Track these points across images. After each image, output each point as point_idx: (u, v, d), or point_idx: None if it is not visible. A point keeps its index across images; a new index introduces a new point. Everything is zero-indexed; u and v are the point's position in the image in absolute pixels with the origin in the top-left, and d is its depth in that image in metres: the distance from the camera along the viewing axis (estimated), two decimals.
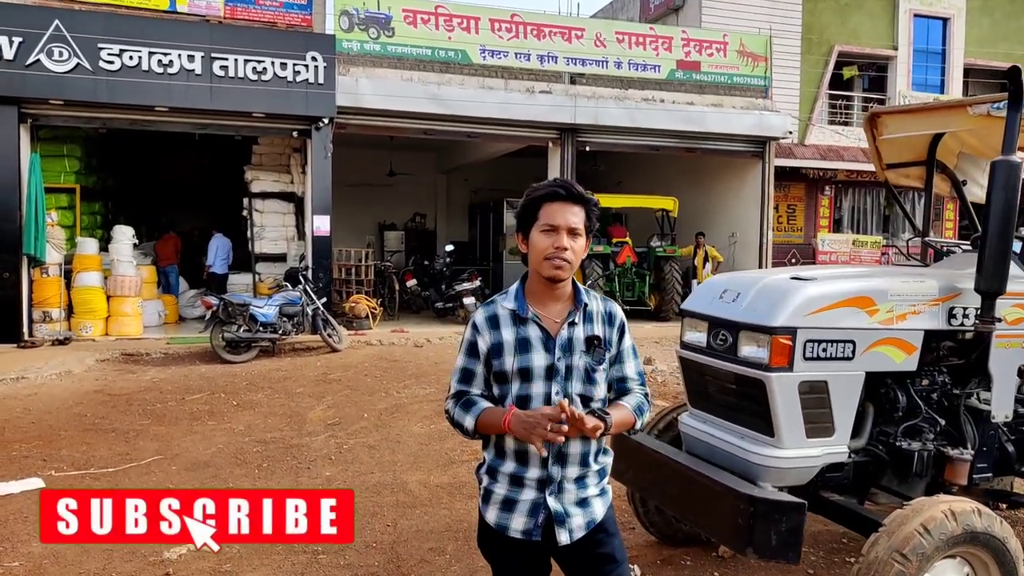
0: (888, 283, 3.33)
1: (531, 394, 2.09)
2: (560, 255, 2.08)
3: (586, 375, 2.12)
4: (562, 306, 2.15)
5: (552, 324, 2.12)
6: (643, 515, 4.03)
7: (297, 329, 10.40)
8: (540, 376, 2.09)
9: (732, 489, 2.94)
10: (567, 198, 2.11)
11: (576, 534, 2.11)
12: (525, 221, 2.15)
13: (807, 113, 17.05)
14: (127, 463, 5.65)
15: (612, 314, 2.21)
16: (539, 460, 2.08)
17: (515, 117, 12.80)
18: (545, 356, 2.10)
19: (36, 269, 11.01)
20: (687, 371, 3.58)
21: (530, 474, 2.10)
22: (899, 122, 4.51)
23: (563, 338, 2.11)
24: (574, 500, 2.12)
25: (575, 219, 2.10)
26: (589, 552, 2.13)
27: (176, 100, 10.97)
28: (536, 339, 2.10)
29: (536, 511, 2.09)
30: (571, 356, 2.11)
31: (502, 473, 2.13)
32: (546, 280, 2.12)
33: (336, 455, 5.88)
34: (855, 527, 3.20)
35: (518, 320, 2.12)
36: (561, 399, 2.02)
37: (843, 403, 3.24)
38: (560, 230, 2.08)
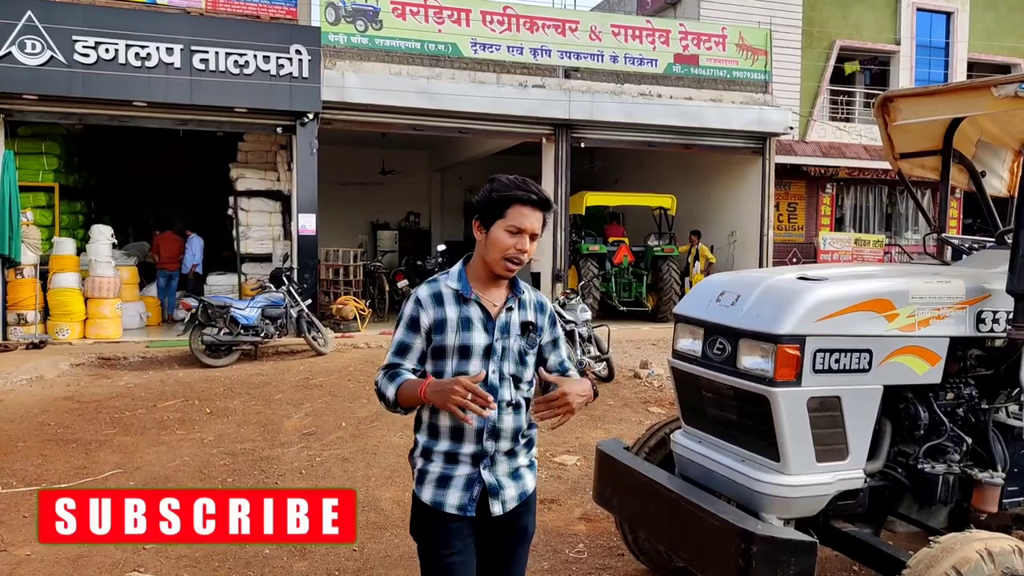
0: (909, 284, 2.93)
1: (468, 371, 2.15)
2: (519, 256, 2.18)
3: (519, 357, 2.23)
4: (501, 292, 2.25)
5: (492, 307, 2.22)
6: (632, 542, 3.63)
7: (280, 332, 10.01)
8: (478, 354, 2.17)
9: (731, 524, 2.54)
10: (538, 204, 2.19)
11: (508, 505, 2.21)
12: (490, 214, 2.19)
13: (808, 109, 16.65)
14: (82, 478, 5.27)
15: (543, 304, 2.34)
16: (474, 436, 2.15)
17: (508, 112, 12.39)
18: (485, 336, 2.19)
19: (10, 270, 10.61)
20: (680, 384, 3.18)
21: (464, 450, 2.17)
22: (914, 106, 4.09)
23: (502, 321, 2.22)
24: (507, 472, 2.22)
25: (539, 224, 2.20)
26: (509, 526, 2.24)
27: (155, 95, 10.56)
28: (477, 319, 2.19)
29: (471, 485, 2.16)
30: (508, 338, 2.22)
31: (436, 452, 2.19)
32: (494, 273, 2.21)
33: (307, 469, 5.49)
34: (874, 565, 2.81)
35: (461, 300, 2.20)
36: (490, 375, 2.14)
37: (858, 421, 2.84)
38: (525, 234, 2.18)
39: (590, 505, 4.72)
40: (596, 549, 4.08)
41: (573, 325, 7.71)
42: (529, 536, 2.32)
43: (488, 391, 2.07)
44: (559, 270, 13.08)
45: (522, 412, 2.23)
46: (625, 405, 7.48)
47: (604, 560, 3.95)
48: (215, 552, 4.05)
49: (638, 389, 8.20)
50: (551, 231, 13.18)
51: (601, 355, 8.22)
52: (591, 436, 6.35)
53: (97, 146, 14.70)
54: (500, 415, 2.16)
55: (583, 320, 7.99)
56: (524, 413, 2.23)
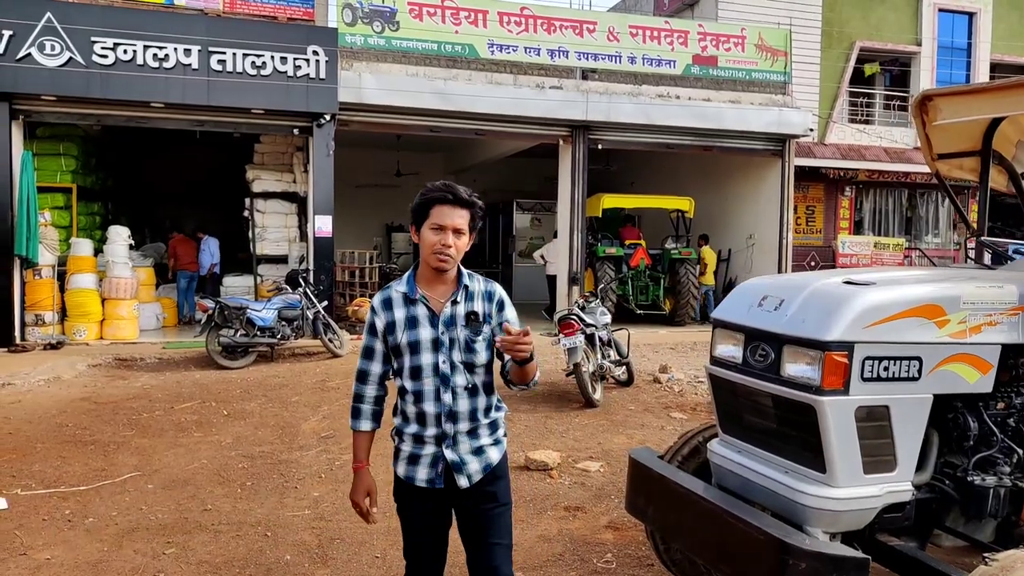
0: (960, 289, 2.81)
1: (421, 364, 2.39)
2: (445, 251, 2.36)
3: (466, 345, 2.41)
4: (446, 288, 2.44)
5: (437, 304, 2.42)
6: (663, 553, 3.51)
7: (297, 333, 9.97)
8: (428, 348, 2.39)
9: (778, 539, 2.43)
10: (454, 202, 2.39)
11: (475, 478, 2.42)
12: (418, 218, 2.43)
13: (827, 111, 16.46)
14: (101, 480, 5.21)
15: (491, 292, 2.50)
16: (434, 419, 2.39)
17: (525, 114, 12.31)
18: (431, 331, 2.40)
19: (28, 271, 10.64)
20: (718, 391, 3.07)
21: (428, 432, 2.40)
22: (954, 105, 3.96)
23: (446, 315, 2.41)
24: (469, 450, 2.43)
25: (460, 220, 2.39)
26: (480, 493, 2.43)
27: (173, 96, 10.57)
28: (423, 316, 2.41)
29: (436, 462, 2.41)
30: (454, 330, 2.41)
31: (407, 433, 2.45)
32: (433, 269, 2.41)
33: (327, 472, 5.41)
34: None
35: (408, 301, 2.43)
36: (444, 367, 2.38)
37: (907, 431, 2.72)
38: (446, 229, 2.37)
39: (616, 513, 4.62)
40: (625, 559, 3.98)
41: (593, 329, 7.59)
42: (501, 501, 2.47)
43: (440, 380, 2.39)
44: (575, 273, 12.97)
45: (479, 395, 2.44)
46: (646, 410, 7.37)
47: (633, 570, 3.84)
48: (236, 558, 3.98)
49: (658, 394, 8.08)
50: (567, 234, 13.09)
51: (621, 359, 8.11)
52: (613, 442, 6.24)
53: (114, 147, 14.75)
54: (455, 399, 2.40)
55: (603, 324, 7.87)
56: (482, 396, 2.45)
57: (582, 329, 7.32)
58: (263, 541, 4.20)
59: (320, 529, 4.37)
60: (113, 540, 4.20)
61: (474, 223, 2.44)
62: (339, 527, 4.39)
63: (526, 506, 4.74)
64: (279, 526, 4.41)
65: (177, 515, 4.57)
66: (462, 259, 2.48)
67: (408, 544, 2.54)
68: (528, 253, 16.07)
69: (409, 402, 2.42)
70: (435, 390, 2.38)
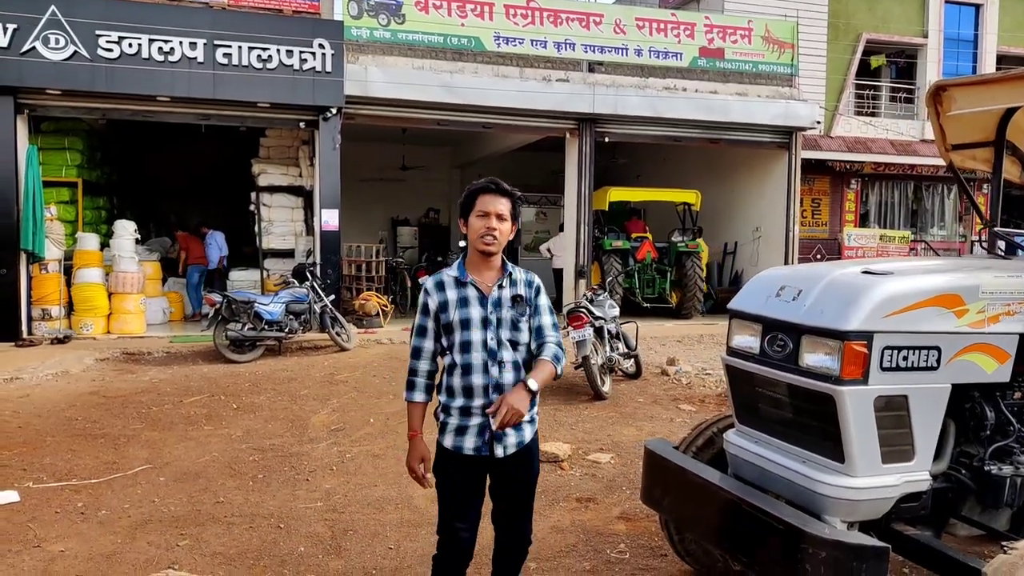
0: (978, 278, 2.80)
1: (471, 340, 2.68)
2: (491, 233, 2.68)
3: (512, 324, 2.73)
4: (494, 274, 2.76)
5: (486, 287, 2.73)
6: (677, 543, 3.52)
7: (304, 327, 9.98)
8: (478, 326, 2.69)
9: (798, 528, 2.43)
10: (497, 191, 2.73)
11: (509, 450, 2.71)
12: (465, 209, 2.74)
13: (833, 103, 16.40)
14: (112, 473, 5.22)
15: (531, 281, 2.83)
16: (482, 390, 2.67)
17: (531, 107, 12.28)
18: (480, 310, 2.70)
19: (35, 265, 10.65)
20: (735, 382, 3.06)
21: (475, 403, 2.68)
22: (969, 95, 3.94)
23: (494, 297, 2.72)
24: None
25: (503, 207, 2.71)
26: (514, 469, 2.75)
27: (178, 90, 10.56)
28: (473, 297, 2.71)
29: (483, 431, 2.68)
30: (501, 310, 2.72)
31: (453, 407, 2.71)
32: (480, 254, 2.72)
33: (338, 465, 5.42)
34: (943, 571, 2.67)
35: (459, 284, 2.73)
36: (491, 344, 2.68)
37: (925, 421, 2.72)
38: (491, 215, 2.69)
39: (628, 504, 4.62)
40: (638, 549, 3.98)
41: (602, 321, 7.59)
42: (533, 478, 2.84)
43: (488, 354, 2.67)
44: (582, 266, 12.96)
45: (521, 371, 2.72)
46: (655, 402, 7.37)
47: (647, 561, 3.84)
48: (249, 550, 3.99)
49: (667, 386, 8.08)
50: (574, 227, 13.07)
51: (629, 352, 8.10)
52: (623, 434, 6.24)
53: (119, 141, 14.74)
54: (501, 372, 2.68)
55: (611, 316, 7.87)
56: (524, 372, 2.72)
57: (591, 322, 7.31)
58: (276, 533, 4.21)
59: (333, 521, 4.38)
60: (126, 532, 4.21)
61: (515, 211, 2.75)
62: (352, 519, 4.40)
63: (538, 498, 4.68)
64: (292, 518, 4.42)
65: (189, 507, 4.59)
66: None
67: (447, 515, 2.76)
68: (534, 247, 16.04)
69: (457, 376, 2.69)
70: (483, 363, 2.67)
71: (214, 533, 4.20)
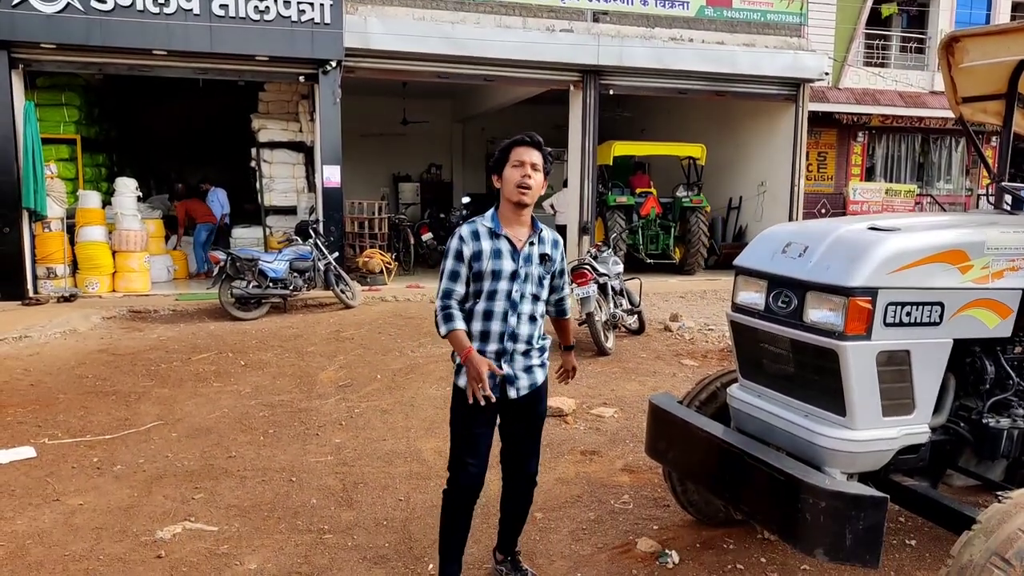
0: (984, 234, 2.81)
1: (498, 289, 2.84)
2: (526, 182, 2.82)
3: (538, 280, 2.92)
4: (525, 230, 2.92)
5: (518, 241, 2.88)
6: (680, 494, 3.61)
7: (309, 285, 10.02)
8: (506, 277, 2.84)
9: (799, 479, 2.49)
10: (531, 144, 2.87)
11: (522, 391, 2.91)
12: (500, 163, 2.89)
13: (842, 54, 16.10)
14: (126, 429, 5.32)
15: (557, 241, 3.04)
16: (497, 337, 2.85)
17: (534, 58, 12.07)
18: (511, 263, 2.86)
19: (37, 224, 10.64)
20: (739, 337, 3.10)
21: (490, 348, 2.86)
22: (981, 47, 3.87)
23: (526, 252, 2.89)
24: (521, 367, 2.91)
25: (537, 158, 2.85)
26: (526, 409, 2.96)
27: (175, 43, 10.39)
28: (506, 251, 2.86)
29: (494, 375, 2.80)
30: (530, 266, 2.89)
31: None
32: (514, 205, 2.85)
33: (347, 420, 5.51)
34: (938, 520, 2.75)
35: (493, 235, 2.87)
36: (517, 303, 2.87)
37: (926, 376, 2.76)
38: (526, 164, 2.83)
39: (632, 456, 4.71)
40: (641, 500, 4.08)
41: (606, 278, 7.61)
42: (541, 415, 3.06)
43: (510, 304, 2.84)
44: (586, 222, 12.92)
45: (537, 324, 2.93)
46: (658, 358, 7.44)
47: (650, 511, 3.94)
48: (263, 502, 4.09)
49: (669, 342, 8.15)
50: (578, 182, 12.99)
51: (633, 308, 8.15)
52: (626, 388, 6.33)
53: (117, 97, 14.59)
54: (519, 322, 2.86)
55: (615, 273, 7.89)
56: (539, 325, 2.94)
57: (595, 279, 7.34)
58: (289, 486, 4.31)
59: (343, 474, 4.48)
60: (142, 486, 4.32)
61: (546, 165, 2.89)
62: (362, 472, 4.50)
63: (543, 451, 4.78)
64: (303, 471, 4.51)
65: (203, 462, 4.69)
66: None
67: (458, 452, 2.94)
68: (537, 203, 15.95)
69: (478, 321, 2.85)
70: (504, 312, 2.84)
71: (228, 486, 4.30)
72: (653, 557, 3.43)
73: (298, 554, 3.53)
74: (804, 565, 3.37)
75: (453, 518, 2.96)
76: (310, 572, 3.37)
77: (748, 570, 3.34)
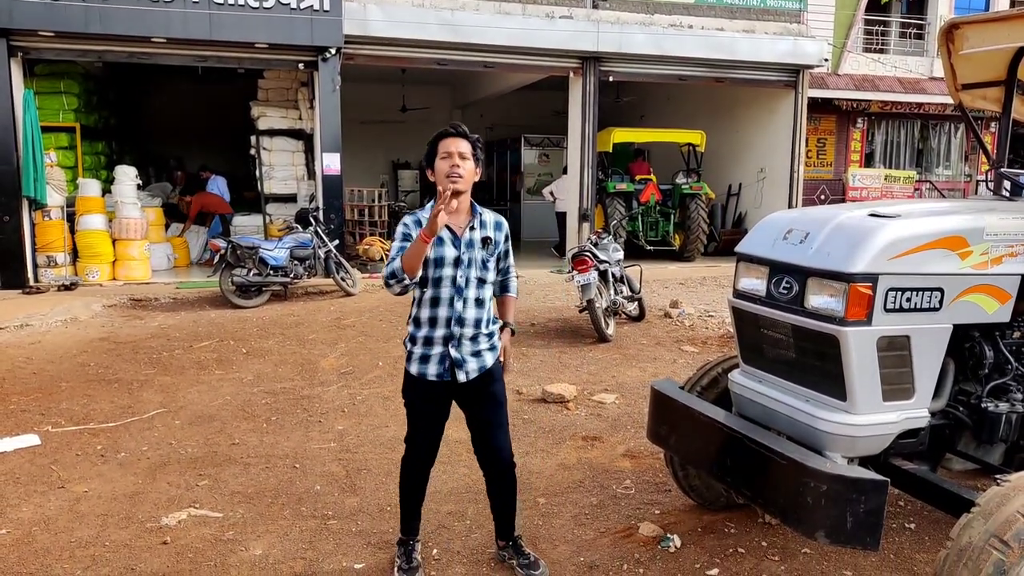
0: (983, 220, 2.83)
1: (443, 275, 2.92)
2: (455, 172, 2.85)
3: (481, 263, 2.97)
4: (465, 216, 2.97)
5: (458, 228, 2.94)
6: (682, 479, 3.64)
7: (309, 273, 10.03)
8: (450, 263, 2.92)
9: (800, 463, 2.52)
10: (456, 134, 2.91)
11: (471, 375, 2.99)
12: (430, 157, 2.93)
13: (842, 40, 16.03)
14: (129, 417, 5.35)
15: (500, 223, 3.07)
16: (445, 322, 2.93)
17: (533, 44, 12.02)
18: (453, 250, 2.92)
19: (37, 212, 10.64)
20: (741, 323, 3.12)
21: (438, 333, 2.94)
22: (981, 34, 3.88)
23: (466, 238, 2.94)
24: (469, 351, 2.98)
25: (463, 147, 2.89)
26: (479, 392, 3.03)
27: (174, 30, 10.35)
28: (447, 238, 2.92)
29: (443, 359, 2.96)
30: (472, 251, 2.95)
31: (419, 337, 2.98)
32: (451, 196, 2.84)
33: (349, 407, 5.55)
34: (937, 503, 2.79)
35: None
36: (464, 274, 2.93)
37: (926, 361, 2.79)
38: (453, 155, 2.87)
39: (633, 442, 4.75)
40: (643, 485, 4.11)
41: (606, 265, 7.63)
42: (499, 400, 3.09)
43: (455, 290, 2.91)
44: (586, 209, 12.92)
45: (484, 308, 2.99)
46: (658, 344, 7.47)
47: (652, 496, 3.98)
48: (267, 488, 4.13)
49: (669, 328, 8.17)
50: (577, 169, 12.98)
51: (633, 295, 8.17)
52: (627, 375, 6.36)
53: (116, 85, 14.53)
54: (465, 307, 2.93)
55: (615, 260, 7.90)
56: (486, 309, 3.00)
57: (595, 266, 7.35)
58: (292, 472, 4.34)
59: (347, 461, 4.51)
60: (146, 473, 4.35)
61: (475, 152, 2.92)
62: (365, 458, 4.54)
63: (545, 436, 4.88)
64: (307, 458, 4.55)
65: (206, 449, 4.72)
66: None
67: (412, 431, 3.14)
68: (537, 190, 15.96)
69: (426, 307, 2.94)
70: (450, 298, 2.91)
71: (232, 473, 4.33)
72: (655, 541, 3.47)
73: (303, 540, 3.57)
74: (805, 548, 3.41)
75: (409, 484, 3.22)
76: (315, 558, 3.40)
77: (749, 554, 3.38)
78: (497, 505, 3.23)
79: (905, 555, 3.39)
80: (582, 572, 3.24)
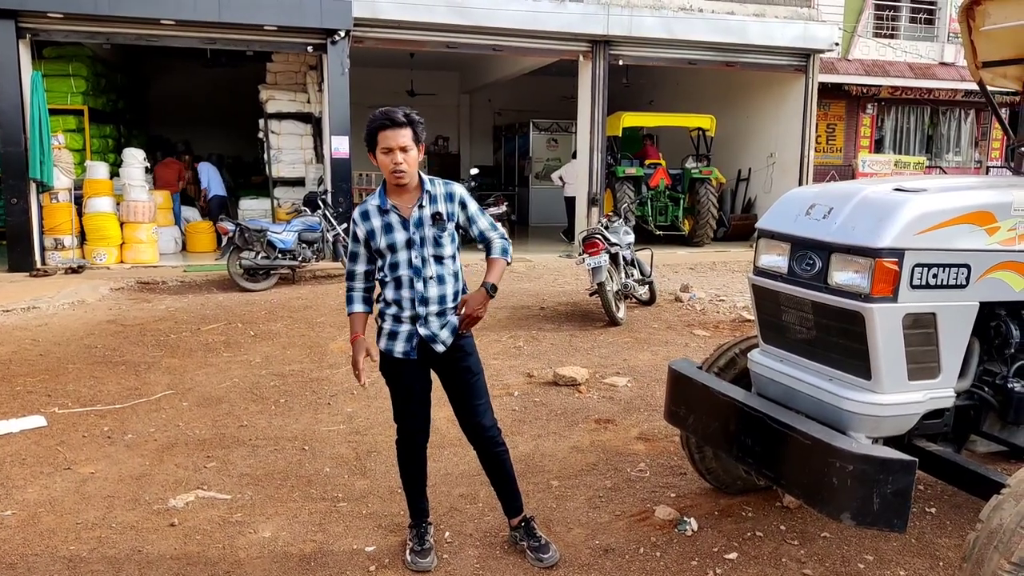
0: (1011, 196, 2.73)
1: (398, 260, 2.92)
2: (398, 168, 2.83)
3: (435, 241, 2.93)
4: (411, 195, 2.94)
5: (406, 210, 2.91)
6: (698, 461, 3.58)
7: (317, 256, 9.99)
8: (402, 247, 2.90)
9: (826, 443, 2.45)
10: (394, 125, 2.81)
11: (448, 342, 2.98)
12: (370, 145, 2.87)
13: (852, 24, 15.82)
14: (136, 399, 5.31)
15: (451, 193, 2.99)
16: (409, 303, 2.93)
17: (543, 28, 11.89)
18: (404, 233, 2.90)
19: (45, 195, 10.61)
20: (761, 301, 3.04)
21: (404, 313, 2.95)
22: (1003, 9, 3.76)
23: (415, 218, 2.91)
24: (439, 326, 2.96)
25: (404, 139, 2.82)
26: (455, 366, 3.03)
27: (183, 12, 10.26)
28: (396, 222, 2.91)
29: (411, 338, 2.98)
30: (422, 230, 2.91)
31: (387, 314, 3.00)
32: (394, 185, 2.90)
33: (358, 390, 5.49)
34: (964, 486, 2.71)
35: (382, 211, 2.92)
36: (418, 262, 2.91)
37: (952, 339, 2.71)
38: (395, 151, 2.82)
39: (647, 425, 4.69)
40: (658, 468, 4.06)
41: (617, 248, 7.55)
42: (475, 371, 3.06)
43: (413, 272, 2.90)
44: (595, 194, 12.81)
45: (447, 283, 2.95)
46: (669, 328, 7.40)
47: (667, 479, 3.92)
48: (276, 470, 4.09)
49: (680, 312, 8.10)
50: (587, 154, 12.87)
51: (644, 278, 8.09)
52: (638, 358, 6.29)
53: (124, 68, 14.46)
54: (426, 287, 2.91)
55: (626, 243, 7.83)
56: (449, 284, 2.96)
57: (606, 249, 7.28)
58: (301, 455, 4.30)
59: (356, 443, 4.47)
60: (154, 455, 4.31)
61: (417, 137, 2.86)
62: (375, 440, 4.49)
63: (557, 419, 4.82)
64: (316, 440, 4.50)
65: (214, 431, 4.68)
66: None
67: (397, 406, 3.17)
68: (546, 175, 15.85)
69: (390, 289, 2.95)
70: (409, 280, 2.91)
71: (240, 455, 4.29)
72: (671, 524, 3.41)
73: (312, 522, 3.52)
74: (824, 532, 3.35)
75: (406, 462, 3.21)
76: (324, 540, 3.36)
77: (768, 537, 3.32)
78: (494, 481, 3.21)
79: (927, 539, 3.32)
80: (597, 555, 3.19)
